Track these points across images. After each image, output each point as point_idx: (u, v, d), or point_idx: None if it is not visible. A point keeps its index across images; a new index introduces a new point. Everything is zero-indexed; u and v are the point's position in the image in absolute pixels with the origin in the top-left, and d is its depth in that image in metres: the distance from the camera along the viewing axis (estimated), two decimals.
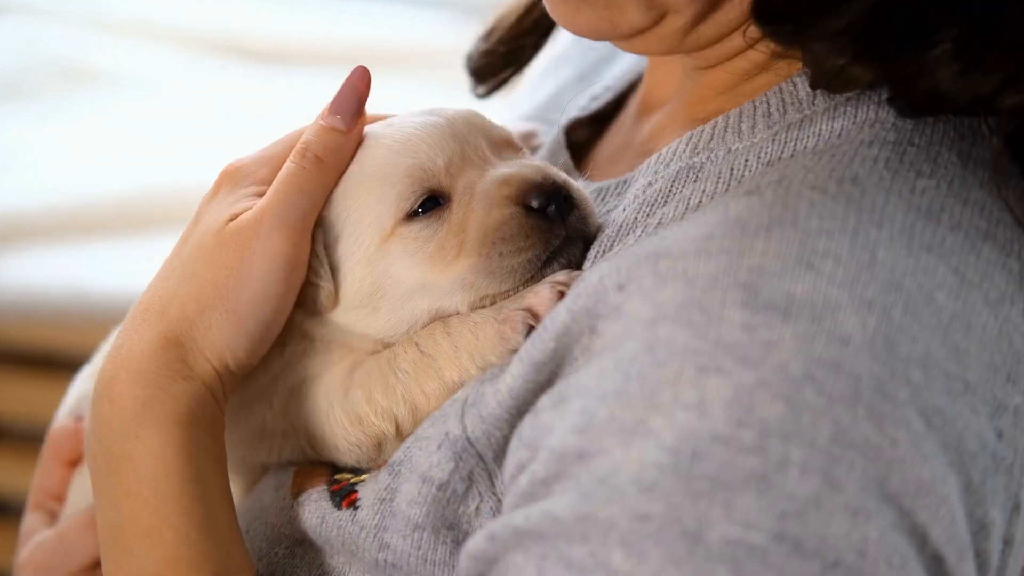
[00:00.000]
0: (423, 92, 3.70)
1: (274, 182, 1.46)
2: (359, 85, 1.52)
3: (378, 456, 1.47)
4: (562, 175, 1.48)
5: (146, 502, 1.40)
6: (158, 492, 1.40)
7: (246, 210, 1.45)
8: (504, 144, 1.53)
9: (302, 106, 3.85)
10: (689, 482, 1.18)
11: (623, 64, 1.78)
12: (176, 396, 1.42)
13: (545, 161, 1.54)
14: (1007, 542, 1.29)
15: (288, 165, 1.47)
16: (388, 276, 1.47)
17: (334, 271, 1.48)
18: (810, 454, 1.18)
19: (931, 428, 1.22)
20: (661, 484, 1.19)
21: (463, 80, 1.83)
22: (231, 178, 1.50)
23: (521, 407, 1.33)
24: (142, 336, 1.43)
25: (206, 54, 4.34)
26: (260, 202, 1.45)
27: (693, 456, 1.19)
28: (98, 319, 3.10)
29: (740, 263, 1.24)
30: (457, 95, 1.85)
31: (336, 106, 1.51)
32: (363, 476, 1.46)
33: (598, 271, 1.32)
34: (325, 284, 1.47)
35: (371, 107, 1.55)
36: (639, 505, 1.19)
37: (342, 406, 1.47)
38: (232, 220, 1.45)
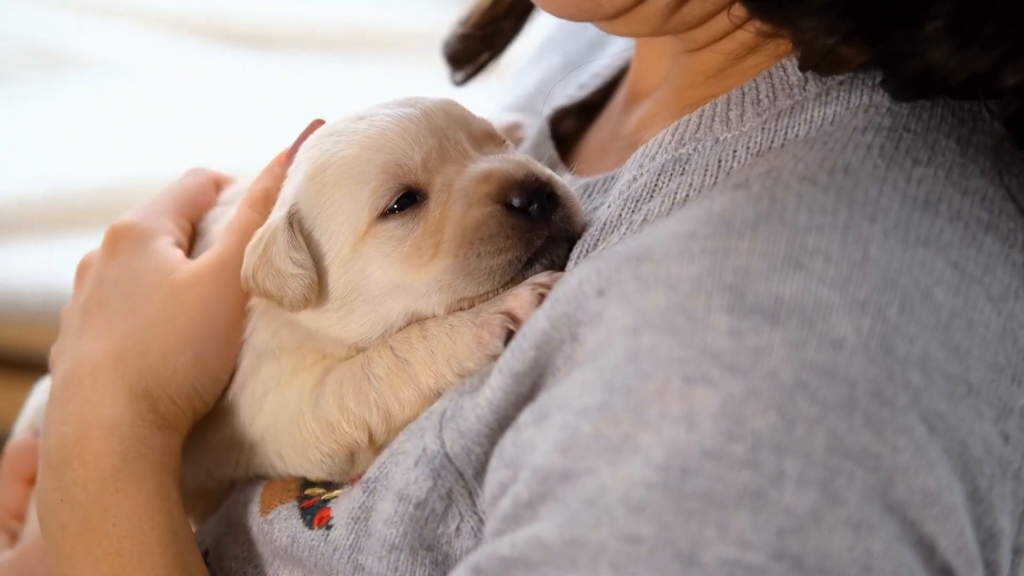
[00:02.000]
0: (419, 78, 3.67)
1: (229, 230, 1.52)
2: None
3: (351, 468, 1.47)
4: (546, 171, 1.46)
5: (129, 557, 1.43)
6: (144, 545, 1.43)
7: (179, 260, 1.51)
8: (485, 137, 1.51)
9: (289, 92, 3.85)
10: (680, 501, 1.16)
11: (613, 50, 1.76)
12: (154, 447, 1.46)
13: (528, 155, 1.52)
14: (1017, 551, 1.27)
15: (246, 212, 1.53)
16: (363, 277, 1.46)
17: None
18: (806, 466, 1.16)
19: (934, 434, 1.20)
20: (651, 504, 1.17)
21: None
22: (129, 235, 1.54)
23: (502, 421, 1.32)
24: (101, 394, 1.46)
25: (188, 37, 4.32)
26: (216, 249, 1.51)
27: (683, 473, 1.17)
28: None
29: (725, 264, 1.22)
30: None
31: (293, 154, 1.54)
32: (335, 492, 1.45)
33: (578, 274, 1.30)
34: (308, 273, 1.46)
35: (365, 94, 1.58)
36: (629, 527, 1.17)
37: (313, 414, 1.47)
38: (173, 271, 1.49)
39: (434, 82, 1.96)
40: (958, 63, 1.29)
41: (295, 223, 1.47)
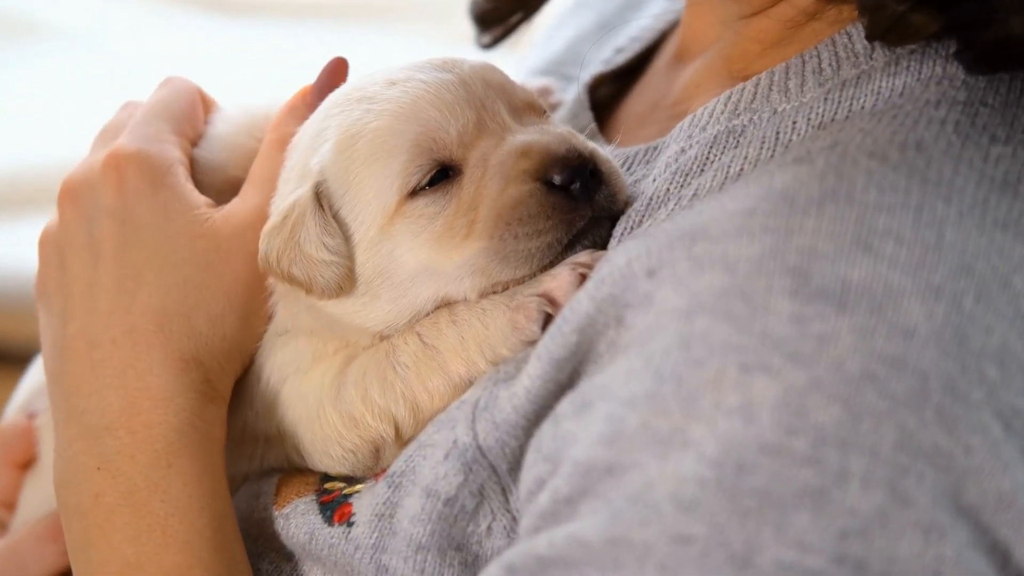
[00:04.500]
0: (420, 49, 3.67)
1: (259, 177, 1.52)
2: (339, 73, 1.56)
3: (375, 464, 1.47)
4: (589, 145, 1.47)
5: (175, 537, 1.43)
6: (192, 527, 1.43)
7: (204, 202, 1.50)
8: (525, 106, 1.51)
9: (270, 62, 3.84)
10: (735, 499, 1.17)
11: (651, 11, 1.76)
12: (209, 421, 1.46)
13: (569, 127, 1.51)
14: None
15: (277, 157, 1.52)
16: (391, 260, 1.46)
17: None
18: (872, 464, 1.17)
19: (1010, 432, 1.21)
20: (703, 502, 1.17)
21: (470, 35, 1.81)
22: (137, 165, 1.51)
23: (540, 412, 1.32)
24: (147, 361, 1.46)
25: (162, 5, 4.31)
26: (250, 199, 1.51)
27: (739, 469, 1.17)
28: None
29: (788, 244, 1.23)
30: (461, 53, 1.84)
31: (318, 93, 1.55)
32: (358, 486, 1.46)
33: (625, 253, 1.31)
34: (342, 261, 1.46)
35: (355, 66, 1.57)
36: (679, 526, 1.17)
37: (334, 406, 1.47)
38: (207, 219, 1.49)
39: (441, 53, 1.96)
40: None
41: (324, 202, 1.47)
